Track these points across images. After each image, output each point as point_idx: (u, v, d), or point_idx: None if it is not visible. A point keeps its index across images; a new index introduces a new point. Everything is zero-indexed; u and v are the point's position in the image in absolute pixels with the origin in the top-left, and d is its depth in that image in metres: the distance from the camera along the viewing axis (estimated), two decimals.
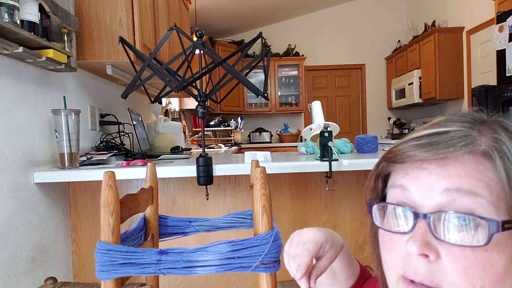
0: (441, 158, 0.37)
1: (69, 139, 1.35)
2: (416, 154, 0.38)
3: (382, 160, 0.44)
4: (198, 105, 1.17)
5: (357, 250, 1.62)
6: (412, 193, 0.39)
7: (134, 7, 1.58)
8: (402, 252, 0.39)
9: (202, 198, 1.58)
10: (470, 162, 0.37)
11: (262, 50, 1.20)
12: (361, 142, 1.79)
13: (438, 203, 0.37)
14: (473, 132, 0.38)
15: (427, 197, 0.37)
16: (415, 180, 0.39)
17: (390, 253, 0.40)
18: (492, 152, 0.36)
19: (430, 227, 0.36)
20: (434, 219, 0.36)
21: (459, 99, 4.26)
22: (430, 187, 0.37)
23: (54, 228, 1.45)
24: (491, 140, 0.37)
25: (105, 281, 0.74)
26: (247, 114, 5.59)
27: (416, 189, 0.39)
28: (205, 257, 0.74)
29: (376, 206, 0.43)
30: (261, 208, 0.77)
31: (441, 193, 0.37)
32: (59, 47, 1.32)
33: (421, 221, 0.37)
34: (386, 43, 5.64)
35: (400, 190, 0.40)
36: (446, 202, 0.36)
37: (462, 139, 0.37)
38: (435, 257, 0.36)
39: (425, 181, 0.38)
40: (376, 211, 0.43)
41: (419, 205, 0.38)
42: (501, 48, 2.82)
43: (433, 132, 0.39)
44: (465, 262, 0.35)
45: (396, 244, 0.39)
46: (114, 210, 0.73)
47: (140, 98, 2.65)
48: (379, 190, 0.46)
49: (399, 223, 0.40)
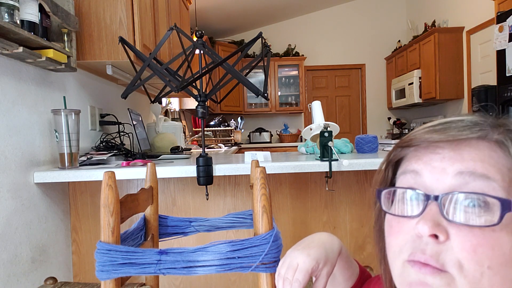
0: (455, 142, 0.38)
1: (69, 139, 1.35)
2: (430, 137, 0.39)
3: (396, 147, 0.44)
4: (198, 105, 1.17)
5: (357, 250, 1.62)
6: (424, 177, 0.39)
7: (134, 7, 1.58)
8: (411, 235, 0.39)
9: (202, 198, 1.58)
10: (484, 148, 0.38)
11: (262, 50, 1.20)
12: (361, 142, 1.79)
13: (450, 185, 0.37)
14: (486, 122, 0.39)
15: (440, 180, 0.38)
16: (428, 164, 0.39)
17: (397, 236, 0.40)
18: (505, 141, 0.38)
19: (441, 208, 0.37)
20: (445, 201, 0.37)
21: (459, 99, 4.26)
22: (443, 170, 0.38)
23: (54, 228, 1.45)
24: (504, 131, 0.38)
25: (105, 281, 0.74)
26: (247, 114, 5.59)
27: (428, 173, 0.39)
28: (205, 257, 0.74)
29: (385, 192, 0.43)
30: (261, 208, 0.77)
31: (454, 176, 0.37)
32: (59, 47, 1.32)
33: (432, 203, 0.37)
34: (386, 43, 5.64)
35: (412, 175, 0.41)
36: (458, 184, 0.37)
37: (476, 127, 0.38)
38: (445, 237, 0.36)
39: (438, 165, 0.38)
40: (385, 197, 0.43)
41: (430, 189, 0.39)
42: (501, 48, 2.82)
43: (447, 121, 0.40)
44: (474, 241, 0.35)
45: (405, 227, 0.39)
46: (114, 210, 0.73)
47: (140, 98, 2.65)
48: (388, 179, 0.46)
49: (408, 208, 0.40)
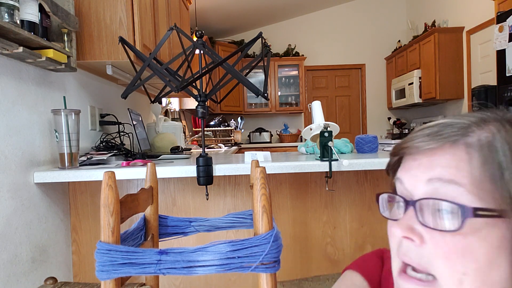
0: (430, 149, 0.40)
1: (69, 139, 1.35)
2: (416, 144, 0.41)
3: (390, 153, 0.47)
4: (198, 105, 1.17)
5: (357, 250, 1.62)
6: (405, 184, 0.42)
7: (134, 7, 1.58)
8: (398, 238, 0.42)
9: (202, 198, 1.58)
10: (455, 152, 0.39)
11: (262, 50, 1.20)
12: (361, 142, 1.79)
13: (424, 192, 0.40)
14: (473, 125, 0.40)
15: (416, 187, 0.41)
16: (407, 172, 0.42)
17: (391, 239, 0.43)
18: (478, 144, 0.38)
19: (416, 213, 0.39)
20: (420, 206, 0.39)
21: (459, 99, 4.26)
22: (417, 177, 0.41)
23: (54, 228, 1.45)
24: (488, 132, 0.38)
25: (105, 281, 0.74)
26: (247, 114, 5.59)
27: (407, 180, 0.42)
28: (205, 257, 0.74)
29: (381, 196, 0.46)
30: (261, 208, 0.77)
31: (425, 183, 0.39)
32: (59, 47, 1.32)
33: (410, 208, 0.40)
34: (386, 43, 5.64)
35: (398, 182, 0.44)
36: (430, 191, 0.39)
37: (459, 131, 0.39)
38: (419, 240, 0.38)
39: (414, 173, 0.41)
40: (382, 201, 0.45)
41: (410, 195, 0.41)
42: (501, 48, 2.82)
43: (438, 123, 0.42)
44: (445, 248, 0.37)
45: (393, 230, 0.42)
46: (114, 210, 0.73)
47: (140, 98, 2.65)
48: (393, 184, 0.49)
49: (395, 212, 0.43)
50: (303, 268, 1.59)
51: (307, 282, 1.12)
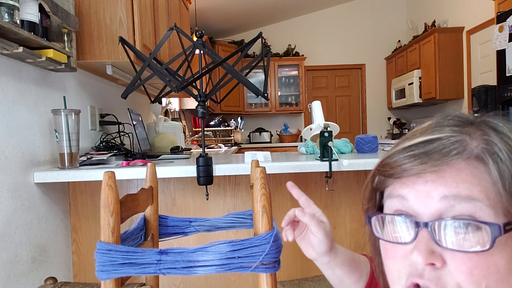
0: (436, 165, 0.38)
1: (69, 139, 1.34)
2: (412, 168, 0.38)
3: (377, 173, 0.44)
4: (198, 105, 1.17)
5: (357, 250, 1.62)
6: (411, 202, 0.39)
7: (134, 7, 1.58)
8: (407, 259, 0.39)
9: (202, 198, 1.58)
10: (465, 167, 0.37)
11: (262, 50, 1.20)
12: (361, 142, 1.79)
13: (437, 209, 0.37)
14: (464, 136, 0.38)
15: (426, 205, 0.38)
16: (412, 188, 0.39)
17: (394, 261, 0.40)
18: (485, 156, 0.37)
19: (432, 235, 0.37)
20: (435, 227, 0.37)
21: (459, 99, 4.26)
22: (428, 194, 0.38)
23: (54, 228, 1.45)
24: (482, 142, 0.38)
25: (105, 281, 0.74)
26: (247, 114, 5.59)
27: (414, 197, 0.39)
28: (205, 257, 0.74)
29: (375, 218, 0.43)
30: (261, 208, 0.77)
31: (439, 200, 0.37)
32: (59, 47, 1.32)
33: (422, 230, 0.37)
34: (386, 43, 5.64)
35: (398, 199, 0.41)
36: (445, 208, 0.37)
37: (455, 145, 0.38)
38: (441, 264, 0.36)
39: (422, 189, 0.38)
40: (375, 222, 0.43)
41: (418, 213, 0.38)
42: (501, 48, 2.81)
43: (425, 140, 0.39)
44: (469, 263, 0.35)
45: (400, 252, 0.40)
46: (114, 210, 0.73)
47: (140, 98, 2.65)
48: (376, 201, 0.46)
49: (400, 233, 0.40)
50: (303, 268, 1.59)
51: (307, 282, 1.12)
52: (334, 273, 0.62)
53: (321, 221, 0.60)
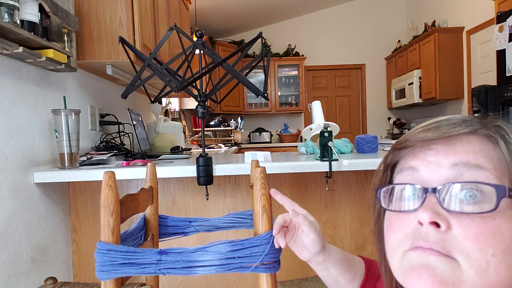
0: (447, 138, 0.40)
1: (69, 139, 1.35)
2: (425, 135, 0.41)
3: (392, 149, 0.46)
4: (198, 105, 1.17)
5: (357, 250, 1.62)
6: (421, 172, 0.41)
7: (134, 7, 1.58)
8: (411, 228, 0.39)
9: (202, 198, 1.58)
10: (474, 141, 0.40)
11: (262, 50, 1.20)
12: (361, 142, 1.79)
13: (447, 177, 0.39)
14: (473, 120, 0.42)
15: (436, 173, 0.40)
16: (424, 160, 0.41)
17: (398, 231, 0.41)
18: (494, 135, 0.40)
19: (439, 199, 0.38)
20: (443, 192, 0.38)
21: (459, 99, 4.26)
22: (439, 164, 0.40)
23: (54, 228, 1.45)
24: (491, 126, 0.41)
25: (105, 281, 0.74)
26: (247, 114, 5.59)
27: (424, 167, 0.41)
28: (205, 257, 0.74)
29: (383, 190, 0.44)
30: (261, 208, 0.77)
31: (449, 168, 0.39)
32: (59, 47, 1.32)
33: (430, 195, 0.39)
34: (386, 43, 5.64)
35: (409, 171, 0.42)
36: (454, 176, 0.38)
37: (467, 123, 0.41)
38: (446, 226, 0.37)
39: (433, 159, 0.40)
40: (384, 196, 0.44)
41: (427, 182, 0.40)
42: (501, 48, 2.81)
43: (437, 120, 0.42)
44: (475, 229, 0.36)
45: (404, 222, 0.40)
46: (114, 210, 0.73)
47: (140, 98, 2.65)
48: (387, 178, 0.47)
49: (407, 203, 0.41)
50: (303, 268, 1.59)
51: (307, 282, 1.12)
52: (329, 273, 0.63)
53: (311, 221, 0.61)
